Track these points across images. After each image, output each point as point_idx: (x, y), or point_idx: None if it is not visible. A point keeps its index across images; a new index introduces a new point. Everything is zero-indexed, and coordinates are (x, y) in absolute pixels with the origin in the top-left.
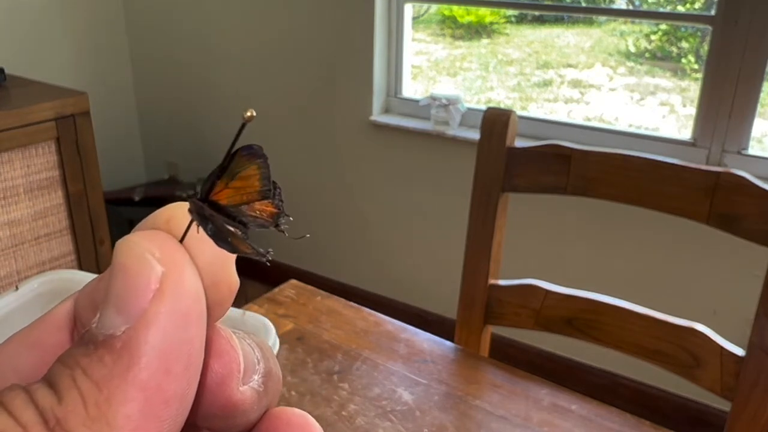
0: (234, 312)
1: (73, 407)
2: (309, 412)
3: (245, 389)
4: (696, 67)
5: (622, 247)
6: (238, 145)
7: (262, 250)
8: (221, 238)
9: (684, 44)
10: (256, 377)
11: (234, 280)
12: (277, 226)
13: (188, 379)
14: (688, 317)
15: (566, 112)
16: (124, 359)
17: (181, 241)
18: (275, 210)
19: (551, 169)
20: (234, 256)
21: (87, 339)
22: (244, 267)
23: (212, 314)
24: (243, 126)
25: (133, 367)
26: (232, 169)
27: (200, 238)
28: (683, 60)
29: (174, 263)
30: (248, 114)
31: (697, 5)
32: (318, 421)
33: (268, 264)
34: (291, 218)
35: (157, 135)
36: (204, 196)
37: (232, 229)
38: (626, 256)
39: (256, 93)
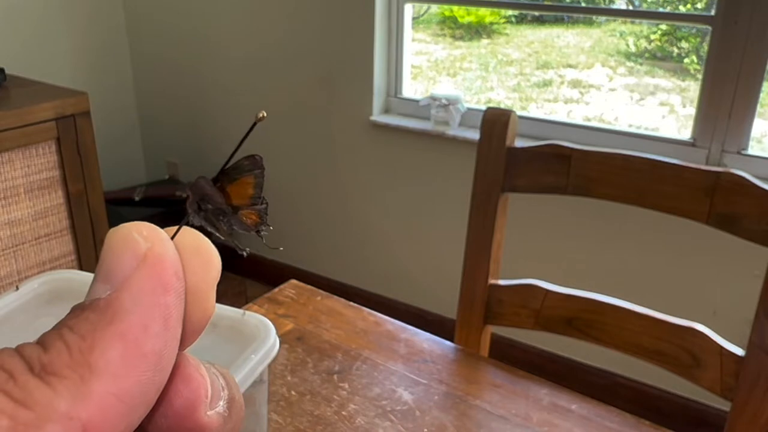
0: (234, 312)
1: (57, 354)
2: (309, 412)
3: (212, 414)
4: (697, 67)
5: (622, 247)
6: (242, 146)
7: (241, 246)
8: (212, 224)
9: (684, 44)
10: (221, 403)
11: (210, 306)
12: (257, 233)
13: (165, 340)
14: (688, 317)
15: (566, 112)
16: (107, 315)
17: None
18: (259, 219)
19: (551, 169)
20: (214, 288)
21: (75, 308)
22: (244, 267)
23: (185, 341)
24: (254, 125)
25: (114, 321)
26: (233, 173)
27: (191, 259)
28: (686, 60)
29: (158, 240)
30: (260, 115)
31: (699, 5)
32: (318, 421)
33: (245, 256)
34: (271, 228)
35: (158, 135)
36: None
37: (218, 223)
38: (626, 256)
39: (256, 93)
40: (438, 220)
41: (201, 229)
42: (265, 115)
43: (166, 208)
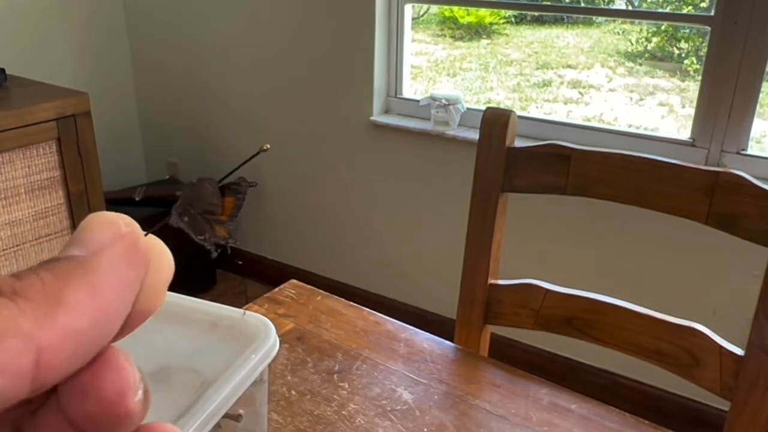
0: (234, 312)
1: (31, 283)
2: (309, 412)
3: (137, 401)
4: (696, 67)
5: (621, 246)
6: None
7: (213, 248)
8: (190, 228)
9: (683, 45)
10: (140, 392)
11: (158, 302)
12: (223, 246)
13: (121, 308)
14: (687, 317)
15: (566, 112)
16: (81, 268)
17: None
18: (228, 236)
19: (551, 169)
20: (165, 289)
21: (49, 260)
22: (245, 267)
23: (125, 329)
24: (257, 154)
25: (88, 274)
26: (230, 189)
27: (159, 255)
28: (685, 60)
29: (137, 228)
30: (265, 147)
31: (698, 5)
32: (318, 421)
33: (214, 255)
34: (232, 242)
35: (158, 135)
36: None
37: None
38: (626, 256)
39: (256, 93)
40: (438, 220)
41: (179, 230)
42: (269, 147)
43: (166, 208)
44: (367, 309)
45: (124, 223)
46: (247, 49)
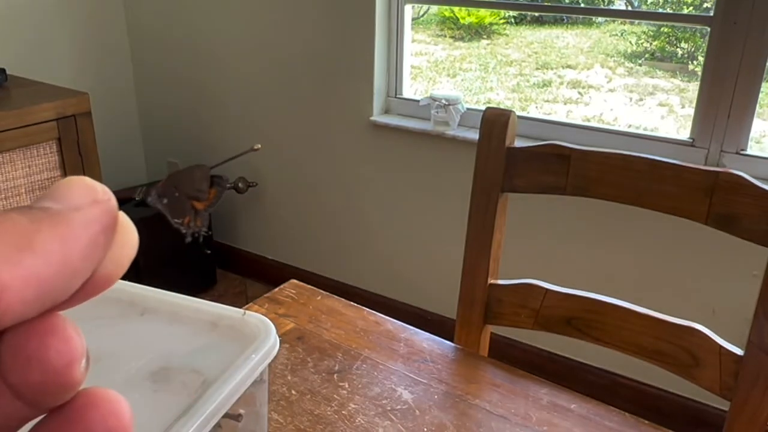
0: (234, 312)
1: (4, 221)
2: (309, 411)
3: (83, 370)
4: (696, 67)
5: (621, 247)
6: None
7: (188, 232)
8: (167, 210)
9: (683, 45)
10: (84, 360)
11: (115, 276)
12: (194, 234)
13: (85, 267)
14: (687, 317)
15: (565, 112)
16: (55, 219)
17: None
18: (201, 224)
19: (551, 169)
20: (126, 266)
21: (23, 207)
22: (245, 267)
23: (77, 297)
24: (246, 152)
25: (61, 225)
26: (216, 182)
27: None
28: (685, 60)
29: (114, 198)
30: (256, 147)
31: (698, 6)
32: (318, 420)
33: (188, 240)
34: (204, 232)
35: (158, 135)
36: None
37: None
38: (625, 256)
39: (256, 93)
40: (438, 220)
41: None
42: (260, 147)
43: None
44: (367, 309)
45: (101, 190)
46: (247, 50)
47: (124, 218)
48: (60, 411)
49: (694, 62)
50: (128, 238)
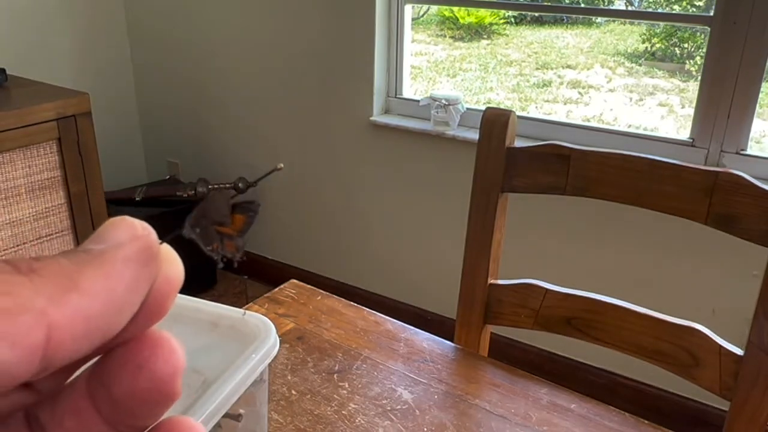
0: (234, 312)
1: (47, 264)
2: (309, 411)
3: (181, 383)
4: (696, 67)
5: (621, 247)
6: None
7: (220, 258)
8: (200, 239)
9: (683, 45)
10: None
11: (166, 308)
12: (229, 260)
13: (131, 301)
14: (687, 317)
15: (565, 112)
16: (98, 258)
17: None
18: (236, 250)
19: (550, 169)
20: (174, 296)
21: (66, 251)
22: (244, 267)
23: (129, 329)
24: (271, 172)
25: (104, 264)
26: (240, 208)
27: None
28: (685, 60)
29: (153, 233)
30: (279, 166)
31: (698, 5)
32: (318, 420)
33: (220, 266)
34: (239, 258)
35: (158, 135)
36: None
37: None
38: (625, 256)
39: (256, 93)
40: (438, 220)
41: (190, 240)
42: (282, 167)
43: (167, 208)
44: (367, 309)
45: (141, 226)
46: (247, 50)
47: (169, 251)
48: None
49: (690, 61)
50: (173, 270)
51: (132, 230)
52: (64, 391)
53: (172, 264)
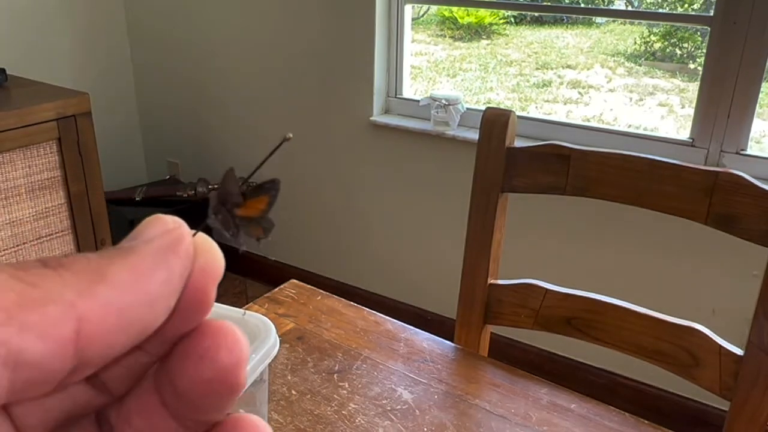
0: (235, 312)
1: (77, 259)
2: (309, 411)
3: (246, 377)
4: (696, 67)
5: (621, 247)
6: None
7: (242, 245)
8: (224, 226)
9: (683, 45)
10: (247, 368)
11: (209, 299)
12: (258, 240)
13: (164, 293)
14: (687, 317)
15: (565, 112)
16: (127, 251)
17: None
18: (263, 234)
19: (550, 169)
20: (215, 286)
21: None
22: (245, 267)
23: (174, 324)
24: (280, 144)
25: (130, 256)
26: (255, 191)
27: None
28: (685, 60)
29: (184, 225)
30: (288, 136)
31: (697, 6)
32: (318, 420)
33: (240, 252)
34: (268, 239)
35: (158, 135)
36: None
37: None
38: (625, 256)
39: (256, 93)
40: (438, 220)
41: (210, 228)
42: (292, 136)
43: (167, 208)
44: (367, 309)
45: (171, 220)
46: (247, 50)
47: (203, 240)
48: None
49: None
50: (210, 259)
51: (163, 225)
52: (132, 390)
53: (208, 253)
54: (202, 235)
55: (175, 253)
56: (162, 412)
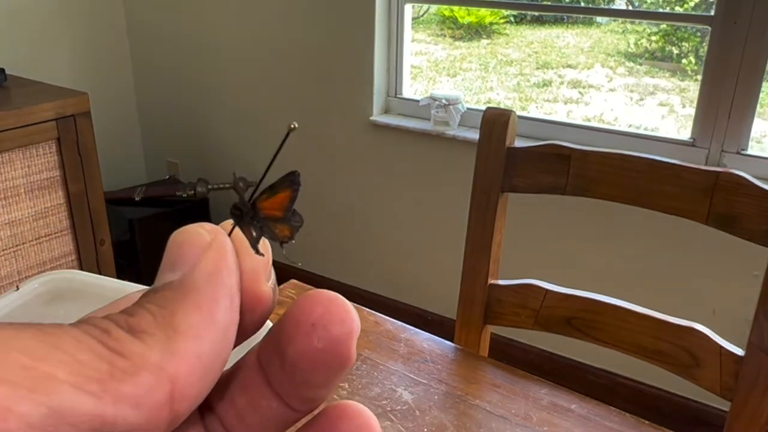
0: None
1: (142, 317)
2: None
3: (268, 286)
4: (696, 68)
5: (621, 247)
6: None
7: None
8: (247, 230)
9: (684, 45)
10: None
11: (265, 297)
12: (281, 244)
13: (231, 317)
14: (687, 317)
15: (566, 112)
16: (181, 291)
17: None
18: (290, 234)
19: (551, 169)
20: (266, 282)
21: (147, 291)
22: None
23: (245, 330)
24: (287, 135)
25: (190, 295)
26: (277, 185)
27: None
28: (684, 60)
29: (221, 232)
30: (293, 125)
31: (694, 4)
32: None
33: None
34: (293, 242)
35: (158, 135)
36: (250, 199)
37: (253, 231)
38: (626, 256)
39: (256, 93)
40: (438, 220)
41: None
42: (297, 125)
43: (166, 208)
44: (367, 309)
45: (207, 230)
46: (246, 49)
47: (239, 239)
48: (312, 423)
49: (684, 61)
50: (250, 256)
51: (199, 240)
52: (233, 370)
53: (249, 252)
54: (238, 233)
55: (227, 269)
56: (265, 390)
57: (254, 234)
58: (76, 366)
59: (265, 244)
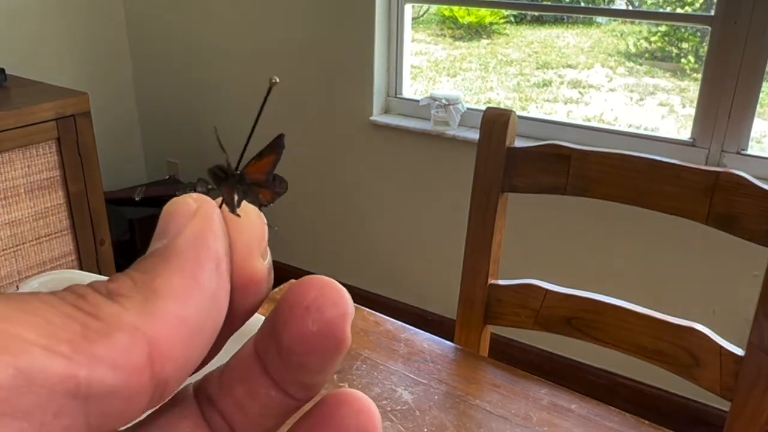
0: None
1: (122, 282)
2: None
3: (264, 264)
4: (696, 67)
5: (621, 247)
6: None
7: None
8: (228, 192)
9: (684, 45)
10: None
11: (257, 266)
12: (261, 207)
13: (218, 281)
14: (687, 317)
15: (566, 112)
16: (164, 255)
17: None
18: (269, 198)
19: (551, 169)
20: (258, 249)
21: (136, 261)
22: None
23: (238, 310)
24: (269, 91)
25: (172, 258)
26: (264, 152)
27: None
28: (683, 60)
29: (207, 201)
30: (274, 80)
31: (696, 5)
32: None
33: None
34: (272, 204)
35: (158, 135)
36: (237, 166)
37: (236, 194)
38: (626, 256)
39: (256, 93)
40: (438, 220)
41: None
42: (278, 80)
43: None
44: (367, 309)
45: (192, 199)
46: (247, 49)
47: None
48: (312, 411)
49: (684, 61)
50: (244, 230)
51: (185, 208)
52: (230, 360)
53: (242, 225)
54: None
55: (213, 234)
56: (263, 378)
57: (236, 197)
58: (47, 328)
59: (261, 217)
